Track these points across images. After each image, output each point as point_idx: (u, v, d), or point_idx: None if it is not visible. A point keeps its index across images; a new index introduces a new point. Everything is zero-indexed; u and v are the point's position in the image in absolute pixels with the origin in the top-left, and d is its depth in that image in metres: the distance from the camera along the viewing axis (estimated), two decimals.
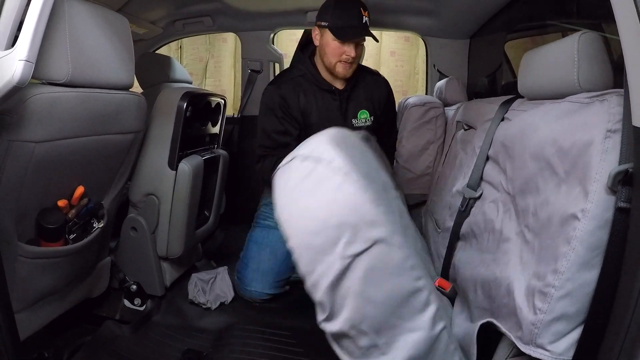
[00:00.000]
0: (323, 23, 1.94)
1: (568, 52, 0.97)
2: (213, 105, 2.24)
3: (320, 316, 0.89)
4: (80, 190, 1.54)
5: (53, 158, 1.34)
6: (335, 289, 0.84)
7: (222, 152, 2.34)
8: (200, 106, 2.07)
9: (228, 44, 4.58)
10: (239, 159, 2.88)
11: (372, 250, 0.84)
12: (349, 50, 1.93)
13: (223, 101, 2.33)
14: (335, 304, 0.86)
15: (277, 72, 2.88)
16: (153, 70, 2.02)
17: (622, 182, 0.76)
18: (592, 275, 0.80)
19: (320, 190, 0.86)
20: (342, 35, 1.90)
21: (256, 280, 2.16)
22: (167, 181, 1.95)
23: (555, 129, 0.92)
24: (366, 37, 1.93)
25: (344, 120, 2.07)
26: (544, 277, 0.85)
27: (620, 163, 0.78)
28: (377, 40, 1.96)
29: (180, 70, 2.24)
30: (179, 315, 2.07)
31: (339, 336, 0.89)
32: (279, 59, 2.94)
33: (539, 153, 0.95)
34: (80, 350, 1.74)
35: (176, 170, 1.94)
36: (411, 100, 2.30)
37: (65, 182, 1.49)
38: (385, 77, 2.24)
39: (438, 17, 2.52)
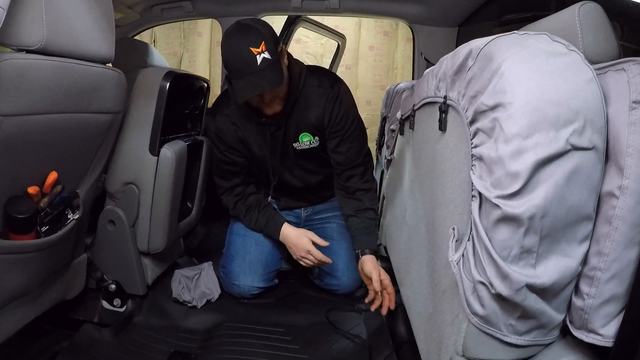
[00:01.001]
0: (225, 70, 1.71)
1: (569, 24, 0.92)
2: (196, 88, 2.09)
3: (506, 188, 0.77)
4: (53, 176, 1.37)
5: (23, 136, 1.18)
6: (542, 167, 0.75)
7: (205, 138, 2.20)
8: (182, 88, 1.93)
9: (203, 38, 4.47)
10: None
11: (588, 154, 0.76)
12: (261, 98, 1.71)
13: (206, 85, 2.20)
14: (532, 181, 0.75)
15: None
16: (131, 56, 1.87)
17: None
18: (635, 253, 0.75)
19: (570, 72, 0.78)
20: (234, 94, 1.65)
21: (244, 273, 2.04)
22: (148, 168, 1.80)
23: None
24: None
25: (283, 147, 1.95)
26: (587, 260, 0.80)
27: None
28: (277, 87, 1.63)
29: (159, 57, 2.09)
30: (163, 316, 1.93)
31: (510, 221, 0.77)
32: None
33: None
34: (57, 357, 1.60)
35: (158, 156, 1.81)
36: (402, 85, 2.23)
37: (36, 166, 1.33)
38: (363, 72, 2.12)
39: (426, 5, 2.47)
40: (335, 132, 1.92)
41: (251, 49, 1.55)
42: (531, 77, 0.77)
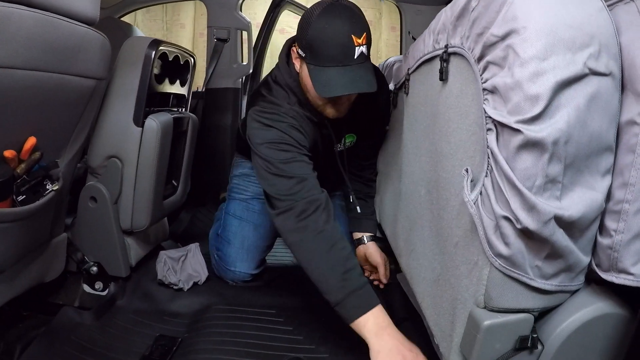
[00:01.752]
0: (301, 52, 1.45)
1: None
2: (182, 62, 2.01)
3: (526, 113, 0.72)
4: (31, 141, 1.28)
5: (1, 92, 1.10)
6: (562, 89, 0.71)
7: (191, 115, 2.12)
8: (168, 59, 1.85)
9: (186, 30, 4.43)
10: (204, 136, 2.69)
11: (606, 81, 0.73)
12: (336, 99, 1.48)
13: (193, 59, 2.11)
14: (553, 103, 0.71)
15: (245, 41, 2.71)
16: (116, 35, 1.79)
17: None
18: None
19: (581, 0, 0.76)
20: (322, 86, 1.38)
21: (241, 259, 1.95)
22: (132, 140, 1.71)
23: None
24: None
25: (330, 149, 1.72)
26: (612, 194, 0.78)
27: None
28: (374, 89, 1.41)
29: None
30: (148, 299, 1.84)
31: (532, 147, 0.72)
32: (247, 26, 2.77)
33: None
34: (34, 342, 1.49)
35: (142, 127, 1.71)
36: (391, 59, 2.24)
37: (13, 129, 1.23)
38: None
39: None
40: (372, 129, 1.83)
41: (353, 37, 1.34)
42: (543, 3, 0.74)
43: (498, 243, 0.80)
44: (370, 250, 1.84)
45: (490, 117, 0.80)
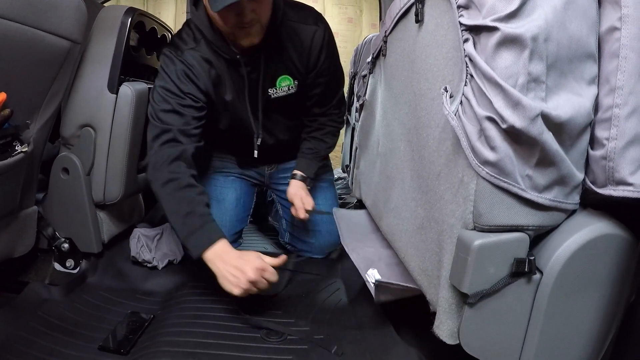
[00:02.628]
0: None
1: None
2: (159, 36, 1.97)
3: (502, 11, 0.71)
4: (1, 96, 1.23)
5: None
6: None
7: None
8: (145, 29, 1.82)
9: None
10: None
11: None
12: (240, 18, 1.43)
13: (170, 33, 2.09)
14: (529, 2, 0.70)
15: None
16: (95, 13, 1.77)
17: None
18: None
19: None
20: (215, 3, 1.35)
21: None
22: (106, 107, 1.67)
23: None
24: None
25: (255, 93, 1.68)
26: (600, 103, 0.76)
27: None
28: None
29: None
30: (120, 277, 1.78)
31: (511, 43, 0.71)
32: None
33: None
34: None
35: (117, 94, 1.68)
36: (370, 36, 2.26)
37: None
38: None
39: None
40: (320, 76, 1.76)
41: None
42: None
43: (483, 149, 0.77)
44: (290, 187, 1.83)
45: (466, 28, 0.79)
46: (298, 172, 1.87)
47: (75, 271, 1.75)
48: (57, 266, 1.76)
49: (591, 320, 0.84)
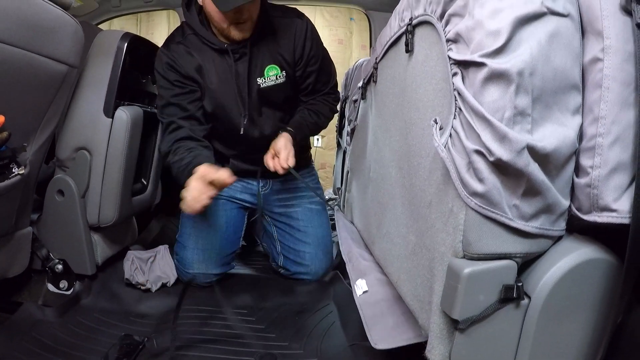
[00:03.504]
0: None
1: None
2: (153, 59, 2.00)
3: (489, 47, 0.74)
4: (0, 119, 1.26)
5: None
6: (522, 25, 0.73)
7: None
8: (140, 54, 1.85)
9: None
10: None
11: (565, 21, 0.75)
12: (238, 16, 1.62)
13: None
14: (515, 38, 0.73)
15: None
16: (91, 38, 1.79)
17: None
18: (632, 115, 0.73)
19: None
20: (223, 2, 1.54)
21: (198, 260, 1.92)
22: (102, 131, 1.69)
23: None
24: None
25: (244, 81, 1.79)
26: (584, 132, 0.78)
27: None
28: None
29: None
30: (114, 299, 1.79)
31: (498, 78, 0.73)
32: None
33: None
34: None
35: (112, 118, 1.70)
36: (360, 61, 2.26)
37: None
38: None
39: None
40: (309, 65, 1.86)
41: None
42: None
43: (472, 181, 0.79)
44: (279, 138, 1.80)
45: (455, 62, 0.82)
46: (290, 128, 1.86)
47: (68, 292, 1.76)
48: (51, 287, 1.77)
49: (579, 342, 0.85)
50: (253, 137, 1.88)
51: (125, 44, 1.70)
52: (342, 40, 4.37)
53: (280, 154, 1.72)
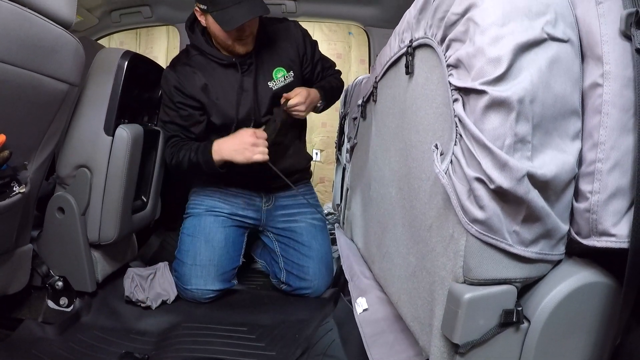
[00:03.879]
0: (201, 6, 1.73)
1: None
2: (153, 77, 2.01)
3: (490, 74, 0.74)
4: (1, 138, 1.25)
5: None
6: (522, 52, 0.73)
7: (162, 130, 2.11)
8: (140, 72, 1.85)
9: (159, 62, 4.40)
10: None
11: (565, 46, 0.76)
12: (240, 33, 1.76)
13: None
14: (515, 65, 0.73)
15: None
16: (90, 55, 1.80)
17: (636, 24, 0.71)
18: (632, 140, 0.73)
19: None
20: (226, 23, 1.67)
21: (195, 276, 1.93)
22: (102, 149, 1.70)
23: None
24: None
25: (256, 88, 1.91)
26: (584, 157, 0.78)
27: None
28: (267, 12, 1.72)
29: None
30: (114, 316, 1.78)
31: (499, 106, 0.74)
32: None
33: None
34: None
35: (113, 136, 1.71)
36: (360, 78, 2.26)
37: None
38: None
39: (380, 7, 2.56)
40: (314, 57, 2.06)
41: None
42: None
43: (473, 208, 0.79)
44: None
45: (455, 88, 0.82)
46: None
47: (69, 309, 1.76)
48: (51, 304, 1.77)
49: None
50: None
51: (126, 62, 1.71)
52: (340, 55, 4.37)
53: (301, 92, 1.87)
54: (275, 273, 2.10)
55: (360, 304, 1.42)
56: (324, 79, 2.11)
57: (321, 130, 4.36)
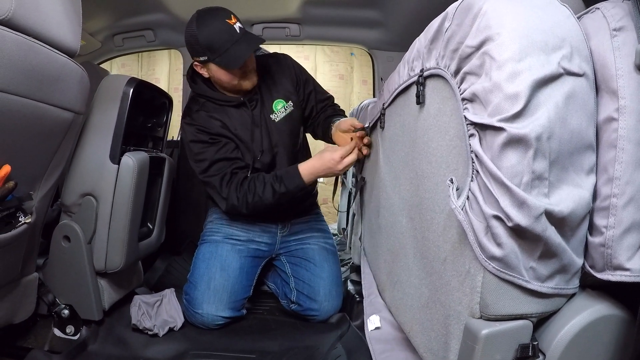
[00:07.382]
0: (202, 58, 1.77)
1: None
2: (158, 103, 2.02)
3: (507, 111, 0.74)
4: (6, 169, 1.23)
5: None
6: (540, 88, 0.74)
7: (168, 156, 2.11)
8: (145, 98, 1.85)
9: (161, 84, 4.43)
10: (179, 185, 2.70)
11: (581, 80, 0.77)
12: (244, 69, 1.81)
13: (168, 101, 2.12)
14: (532, 102, 0.73)
15: None
16: (94, 80, 1.79)
17: None
18: None
19: (550, 8, 0.80)
20: (232, 63, 1.73)
21: (207, 301, 1.90)
22: (108, 177, 1.69)
23: None
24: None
25: (265, 122, 1.96)
26: (598, 192, 0.79)
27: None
28: (263, 41, 1.79)
29: None
30: (121, 344, 1.76)
31: (517, 144, 0.73)
32: None
33: None
34: None
35: (119, 164, 1.70)
36: (366, 102, 2.27)
37: None
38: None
39: (385, 30, 2.56)
40: (306, 87, 2.10)
41: (227, 21, 1.71)
42: (514, 10, 0.77)
43: (490, 245, 0.79)
44: (344, 121, 1.92)
45: (471, 123, 0.82)
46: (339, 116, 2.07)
47: (75, 337, 1.74)
48: (57, 332, 1.75)
49: None
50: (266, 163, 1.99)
51: (131, 90, 1.70)
52: (343, 76, 4.40)
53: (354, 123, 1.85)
54: (285, 293, 2.09)
55: (372, 322, 1.43)
56: (324, 112, 2.14)
57: None
